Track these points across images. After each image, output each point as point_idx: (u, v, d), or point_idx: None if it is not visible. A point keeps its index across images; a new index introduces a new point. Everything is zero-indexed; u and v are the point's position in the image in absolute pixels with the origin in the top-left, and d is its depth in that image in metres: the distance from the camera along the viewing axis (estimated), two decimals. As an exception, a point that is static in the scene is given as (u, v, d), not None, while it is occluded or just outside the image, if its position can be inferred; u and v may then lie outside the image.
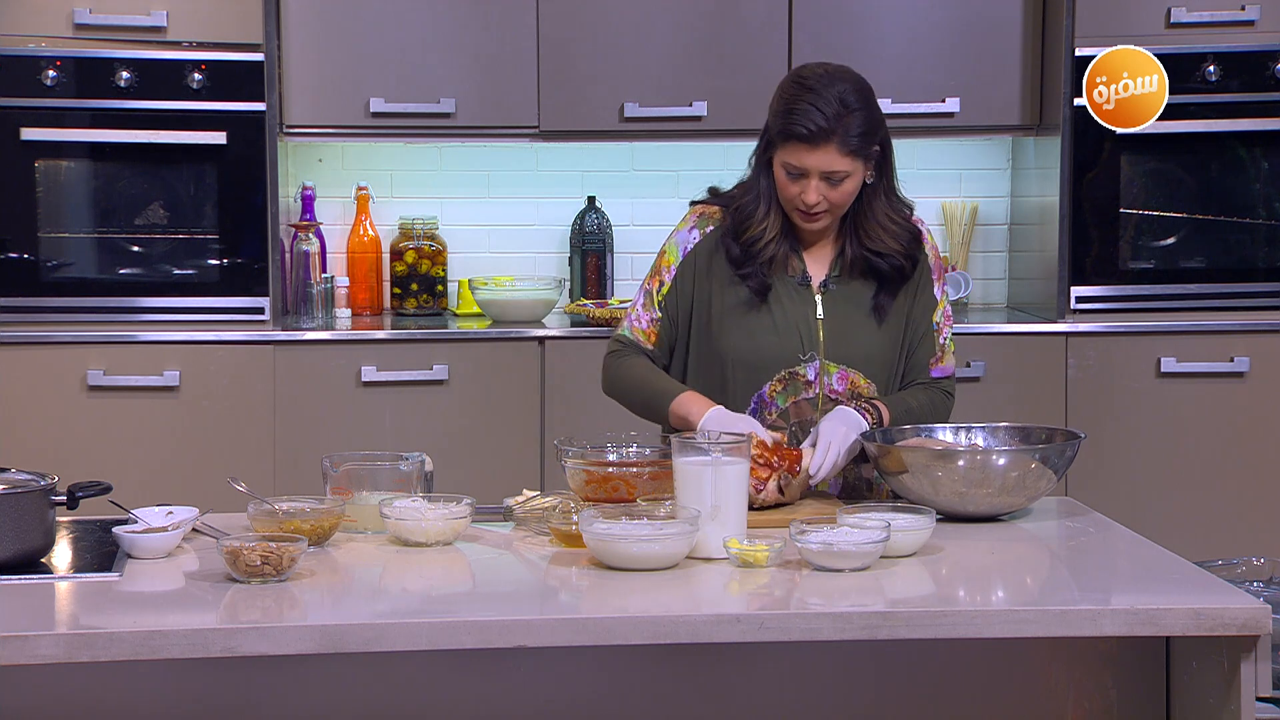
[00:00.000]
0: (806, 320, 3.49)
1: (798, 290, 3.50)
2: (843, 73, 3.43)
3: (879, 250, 3.49)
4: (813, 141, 3.36)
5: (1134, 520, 3.70)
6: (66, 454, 4.92)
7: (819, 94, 3.37)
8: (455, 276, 5.56)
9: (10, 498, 2.89)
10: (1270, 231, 5.22)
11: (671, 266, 3.53)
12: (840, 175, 3.39)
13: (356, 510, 3.16)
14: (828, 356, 3.48)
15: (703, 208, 3.57)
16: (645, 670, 2.85)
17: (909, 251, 3.52)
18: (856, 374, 3.48)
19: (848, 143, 3.37)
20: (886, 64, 5.26)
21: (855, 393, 3.47)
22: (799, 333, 3.47)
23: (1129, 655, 2.90)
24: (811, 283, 3.51)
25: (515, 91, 5.22)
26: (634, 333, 3.55)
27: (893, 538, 2.92)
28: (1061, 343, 5.18)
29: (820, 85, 3.38)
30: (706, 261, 3.51)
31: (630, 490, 3.17)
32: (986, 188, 5.71)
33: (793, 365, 3.47)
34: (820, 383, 3.47)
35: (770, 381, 3.47)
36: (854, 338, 3.49)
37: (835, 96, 3.37)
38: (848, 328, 3.49)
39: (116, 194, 5.07)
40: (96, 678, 2.74)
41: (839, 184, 3.40)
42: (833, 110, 3.36)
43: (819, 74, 3.41)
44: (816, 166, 3.37)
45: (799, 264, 3.51)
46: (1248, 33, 5.15)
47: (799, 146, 3.37)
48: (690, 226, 3.55)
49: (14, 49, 4.96)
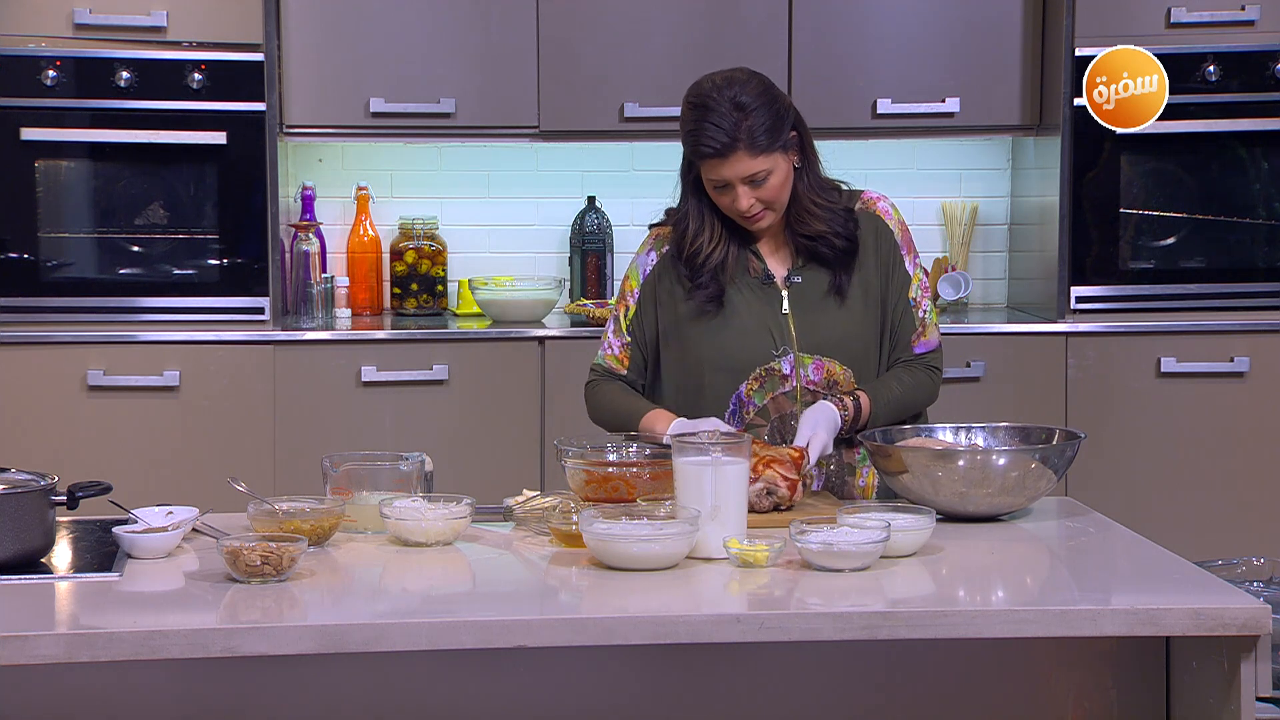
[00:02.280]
0: (775, 317, 3.52)
1: (762, 289, 3.54)
2: (735, 76, 3.46)
3: (810, 234, 3.53)
4: (721, 155, 3.41)
5: (1134, 520, 3.70)
6: (66, 454, 4.92)
7: (712, 109, 3.41)
8: (455, 276, 5.56)
9: (10, 498, 2.89)
10: (1270, 231, 5.22)
11: (635, 290, 3.61)
12: (761, 175, 3.43)
13: (356, 510, 3.16)
14: (800, 349, 3.51)
15: (658, 230, 3.64)
16: (645, 670, 2.85)
17: (842, 231, 3.53)
18: (832, 362, 3.52)
19: (755, 144, 3.40)
20: (886, 64, 5.26)
21: (832, 381, 3.51)
22: (769, 330, 3.51)
23: (1129, 655, 2.90)
24: (775, 279, 3.54)
25: (515, 91, 5.22)
26: (607, 360, 3.62)
27: (893, 538, 2.92)
28: (1061, 343, 5.18)
29: (712, 100, 3.42)
30: (665, 280, 3.57)
31: (630, 490, 3.17)
32: (986, 188, 5.71)
33: (767, 362, 3.50)
34: (797, 375, 3.50)
35: (747, 381, 3.50)
36: (823, 325, 3.52)
37: (729, 105, 3.41)
38: (815, 317, 3.53)
39: (116, 194, 5.07)
40: (96, 678, 2.74)
41: (763, 183, 3.44)
42: (730, 120, 3.40)
43: (708, 88, 3.45)
44: (733, 175, 3.42)
45: (759, 263, 3.55)
46: (1248, 33, 5.15)
47: (711, 162, 3.42)
48: (648, 249, 3.62)
49: (14, 49, 4.96)
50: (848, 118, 5.29)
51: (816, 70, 5.25)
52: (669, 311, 3.56)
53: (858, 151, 5.59)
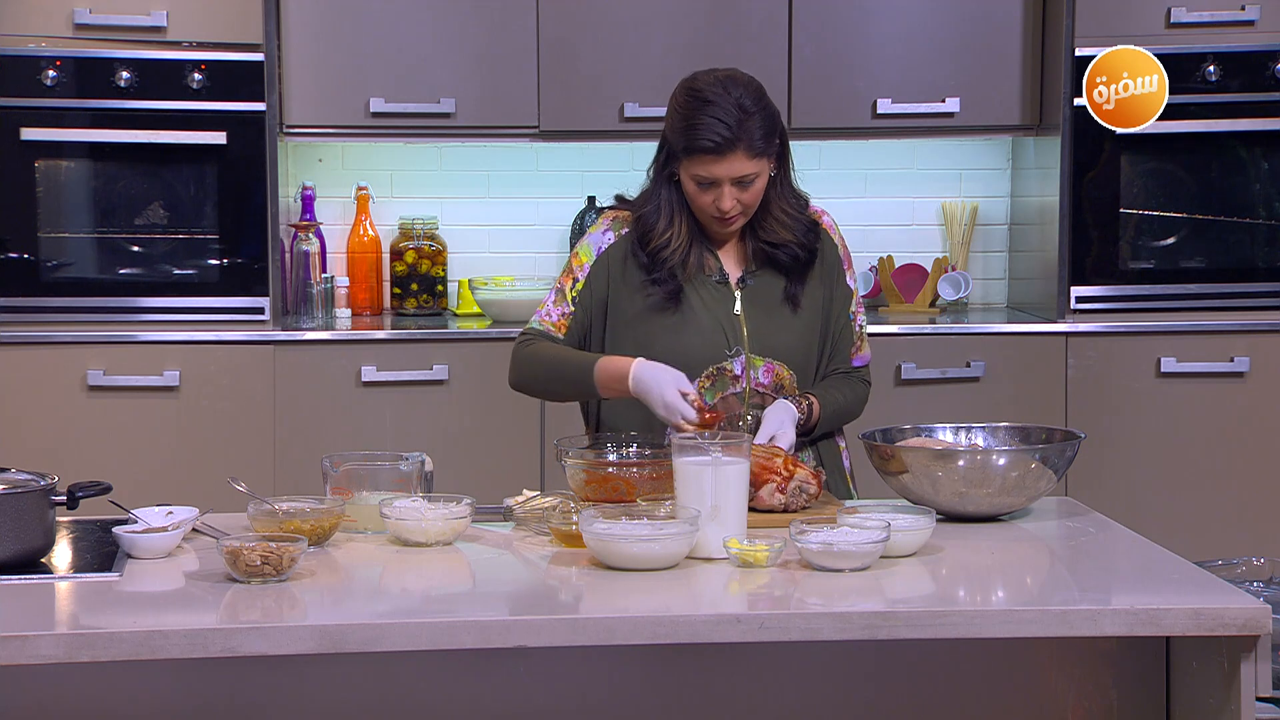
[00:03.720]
0: (729, 317, 3.52)
1: (716, 289, 3.54)
2: (735, 76, 3.46)
3: (774, 241, 3.54)
4: (719, 152, 3.40)
5: (1134, 520, 3.70)
6: (66, 454, 4.92)
7: (717, 104, 3.41)
8: (455, 276, 5.56)
9: (10, 498, 2.89)
10: (1270, 231, 5.22)
11: (585, 265, 3.58)
12: (750, 177, 3.43)
13: (356, 510, 3.16)
14: (752, 350, 3.52)
15: (615, 212, 3.62)
16: (645, 670, 2.85)
17: (804, 242, 3.55)
18: (781, 365, 3.53)
19: (753, 146, 3.41)
20: (886, 64, 5.26)
21: (779, 384, 3.52)
22: (723, 329, 3.52)
23: (1129, 655, 2.90)
24: (730, 280, 3.54)
25: (515, 91, 5.22)
26: (544, 324, 3.60)
27: (893, 538, 2.92)
28: (1061, 343, 5.18)
29: (716, 95, 3.41)
30: (620, 264, 3.56)
31: (630, 490, 3.17)
32: (986, 188, 5.71)
33: (719, 361, 3.50)
34: (747, 377, 3.51)
35: (699, 379, 3.49)
36: (774, 330, 3.54)
37: (734, 103, 3.41)
38: (767, 320, 3.54)
39: (116, 194, 5.07)
40: (96, 678, 2.74)
41: (749, 186, 3.45)
42: (734, 118, 3.40)
43: (711, 83, 3.44)
44: (726, 174, 3.42)
45: (715, 263, 3.55)
46: (1248, 33, 5.15)
47: (706, 158, 3.41)
48: (605, 229, 3.60)
49: (14, 49, 4.96)
50: (848, 118, 5.29)
51: (816, 70, 5.25)
52: (623, 298, 3.54)
53: (858, 151, 5.59)
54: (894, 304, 5.59)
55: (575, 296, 3.57)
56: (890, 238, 5.67)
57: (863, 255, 5.50)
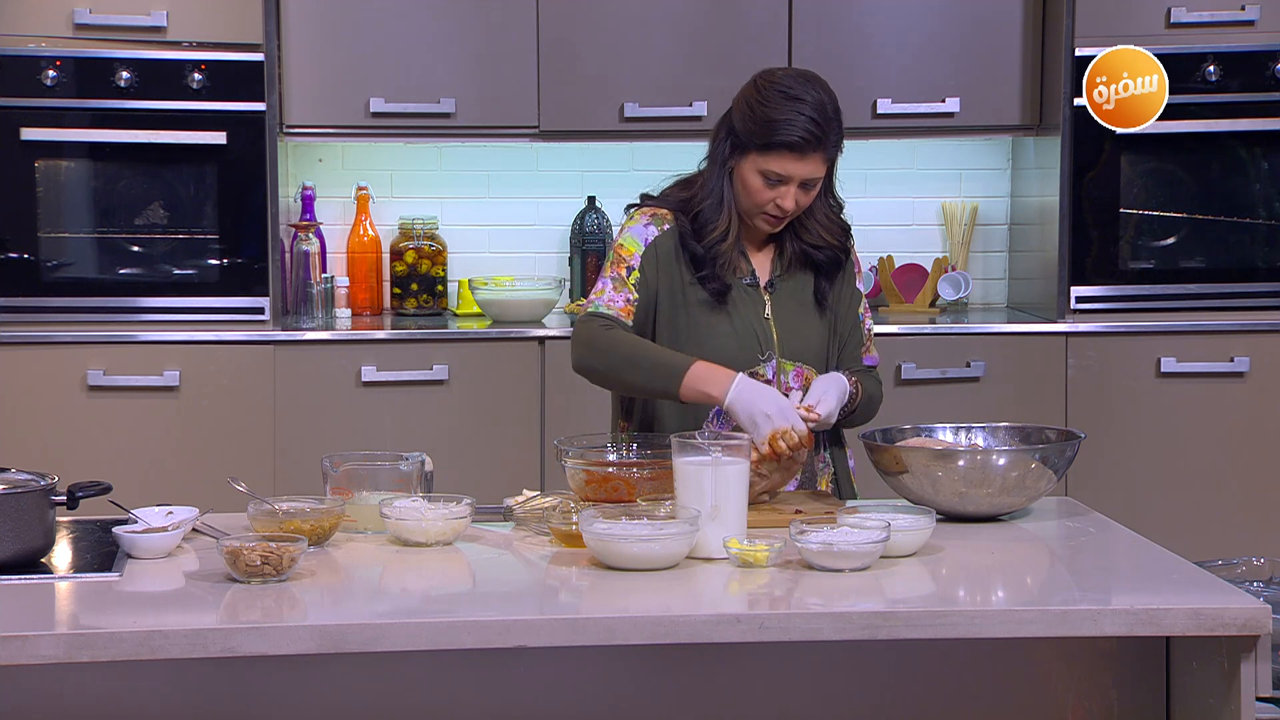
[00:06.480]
0: (759, 320, 3.51)
1: (748, 291, 3.52)
2: (815, 78, 3.45)
3: (816, 244, 3.53)
4: (802, 150, 3.37)
5: (1134, 520, 3.70)
6: (66, 454, 4.92)
7: (806, 102, 3.38)
8: (455, 276, 5.56)
9: (10, 498, 2.89)
10: (1270, 231, 5.22)
11: (635, 255, 3.48)
12: (816, 180, 3.43)
13: (356, 510, 3.16)
14: (782, 355, 3.50)
15: (652, 209, 3.54)
16: (645, 670, 2.85)
17: (842, 244, 3.56)
18: (809, 369, 3.51)
19: (830, 150, 3.41)
20: (886, 64, 5.26)
21: (807, 387, 3.48)
22: (755, 334, 3.49)
23: (1129, 655, 2.90)
24: (759, 283, 3.53)
25: (515, 91, 5.22)
26: (610, 309, 3.45)
27: (893, 538, 2.92)
28: (1061, 343, 5.18)
29: (805, 93, 3.39)
30: (667, 257, 3.48)
31: (630, 490, 3.17)
32: (986, 188, 5.71)
33: (752, 366, 3.47)
34: (777, 381, 3.49)
35: None
36: (803, 333, 3.52)
37: (821, 104, 3.39)
38: (796, 324, 3.52)
39: (116, 194, 5.07)
40: (96, 678, 2.74)
41: (812, 188, 3.44)
42: (823, 118, 3.38)
43: (798, 79, 3.42)
44: (802, 174, 3.40)
45: (746, 265, 3.53)
46: (1248, 33, 5.15)
47: (786, 155, 3.37)
48: (645, 223, 3.51)
49: (14, 49, 4.96)
50: (848, 118, 5.19)
51: (817, 70, 5.17)
52: (666, 288, 3.48)
53: (858, 151, 5.56)
54: (894, 304, 5.59)
55: (634, 284, 3.47)
56: (890, 238, 5.67)
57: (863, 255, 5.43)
